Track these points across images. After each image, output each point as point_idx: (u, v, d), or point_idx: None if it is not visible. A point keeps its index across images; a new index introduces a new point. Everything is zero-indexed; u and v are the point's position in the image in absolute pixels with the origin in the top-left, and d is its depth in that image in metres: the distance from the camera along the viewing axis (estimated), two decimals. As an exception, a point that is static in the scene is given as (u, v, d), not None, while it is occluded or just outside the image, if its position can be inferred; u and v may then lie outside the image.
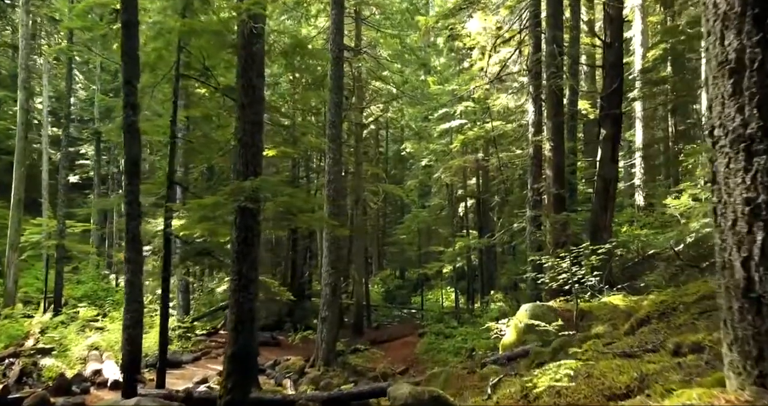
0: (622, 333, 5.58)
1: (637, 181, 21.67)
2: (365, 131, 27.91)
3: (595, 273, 8.85)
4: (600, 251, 8.17)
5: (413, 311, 26.53)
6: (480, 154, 22.12)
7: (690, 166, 18.39)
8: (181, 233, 7.92)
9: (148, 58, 9.34)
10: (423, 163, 27.39)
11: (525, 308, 8.28)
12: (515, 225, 13.52)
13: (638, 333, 4.96)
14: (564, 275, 8.49)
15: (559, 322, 7.91)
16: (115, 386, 10.67)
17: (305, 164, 28.09)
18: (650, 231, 18.91)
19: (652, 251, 16.79)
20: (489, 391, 4.67)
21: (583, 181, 20.12)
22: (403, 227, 27.70)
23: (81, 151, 31.32)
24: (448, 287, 28.92)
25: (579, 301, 7.67)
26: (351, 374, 13.67)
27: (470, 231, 25.33)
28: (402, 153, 32.34)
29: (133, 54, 7.93)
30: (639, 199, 22.50)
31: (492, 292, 24.39)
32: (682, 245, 16.13)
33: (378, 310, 27.51)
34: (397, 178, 35.63)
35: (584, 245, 8.01)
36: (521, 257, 16.69)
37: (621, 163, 20.60)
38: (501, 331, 9.40)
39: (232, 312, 6.44)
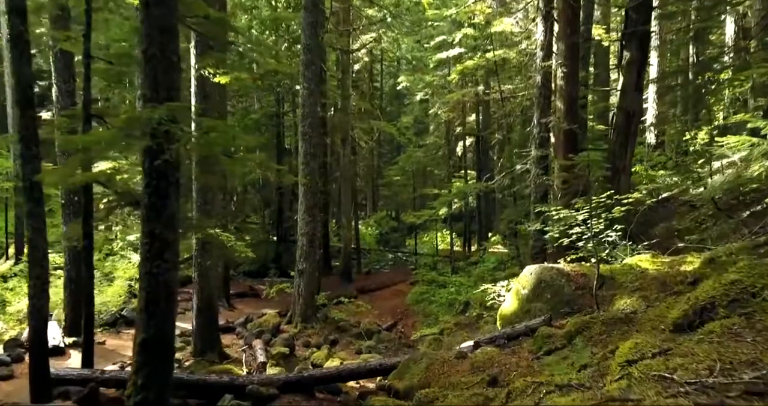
0: (670, 322, 3.98)
1: (649, 118, 19.70)
2: (357, 64, 25.57)
3: (616, 227, 7.26)
4: (626, 200, 6.51)
5: (407, 254, 25.26)
6: (480, 87, 19.99)
7: (719, 99, 16.42)
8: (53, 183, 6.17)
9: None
10: (418, 97, 25.21)
11: (530, 271, 6.71)
12: (518, 166, 11.76)
13: (704, 333, 3.34)
14: (577, 229, 6.88)
15: (573, 289, 6.37)
16: (55, 352, 9.35)
17: (291, 99, 25.93)
18: (667, 173, 17.22)
19: (666, 195, 15.22)
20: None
21: (592, 117, 18.20)
22: (396, 168, 25.93)
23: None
24: (444, 230, 27.56)
25: (596, 262, 6.07)
26: (332, 330, 12.40)
27: (468, 172, 23.60)
28: (397, 88, 29.98)
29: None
30: (650, 137, 20.64)
31: (490, 234, 22.99)
32: (702, 189, 14.52)
33: (371, 254, 26.28)
34: (393, 115, 33.53)
35: (607, 193, 6.32)
36: (523, 201, 15.07)
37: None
38: (499, 295, 7.89)
39: (142, 287, 4.84)
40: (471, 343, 6.84)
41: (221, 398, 6.18)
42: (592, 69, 19.08)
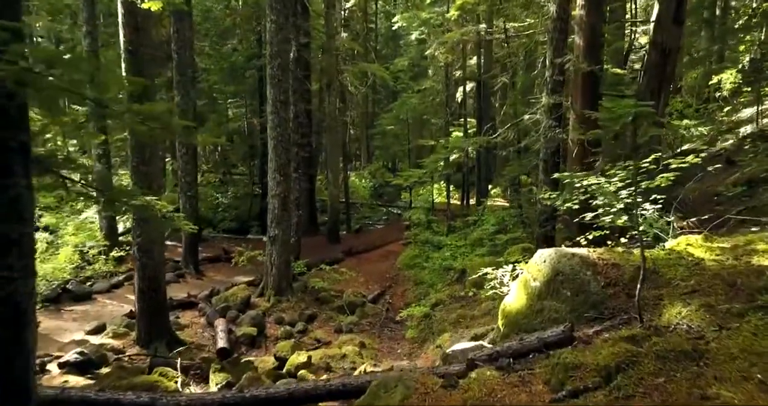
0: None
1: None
2: (349, 2, 23.14)
3: (654, 197, 5.61)
4: (675, 165, 4.82)
5: (402, 209, 23.73)
6: (482, 26, 17.78)
7: (753, 40, 14.40)
8: None
9: None
10: (414, 36, 22.91)
11: (542, 258, 5.12)
12: (526, 116, 9.96)
13: None
14: (604, 200, 5.22)
15: (601, 285, 4.79)
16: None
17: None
18: (692, 123, 15.41)
19: (686, 147, 13.56)
20: None
21: (607, 58, 16.16)
22: (390, 116, 23.96)
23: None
24: (441, 182, 25.93)
25: (641, 249, 4.47)
26: (310, 303, 11.01)
27: (468, 120, 21.67)
28: (393, 28, 27.49)
29: None
30: (667, 81, 18.60)
31: (490, 187, 21.38)
32: (730, 142, 12.79)
33: (363, 208, 24.76)
34: (390, 57, 31.13)
35: (653, 155, 4.63)
36: (529, 157, 13.35)
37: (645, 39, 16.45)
38: (502, 284, 6.34)
39: (-26, 304, 3.25)
40: (464, 347, 5.36)
41: (138, 426, 4.76)
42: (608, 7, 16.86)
